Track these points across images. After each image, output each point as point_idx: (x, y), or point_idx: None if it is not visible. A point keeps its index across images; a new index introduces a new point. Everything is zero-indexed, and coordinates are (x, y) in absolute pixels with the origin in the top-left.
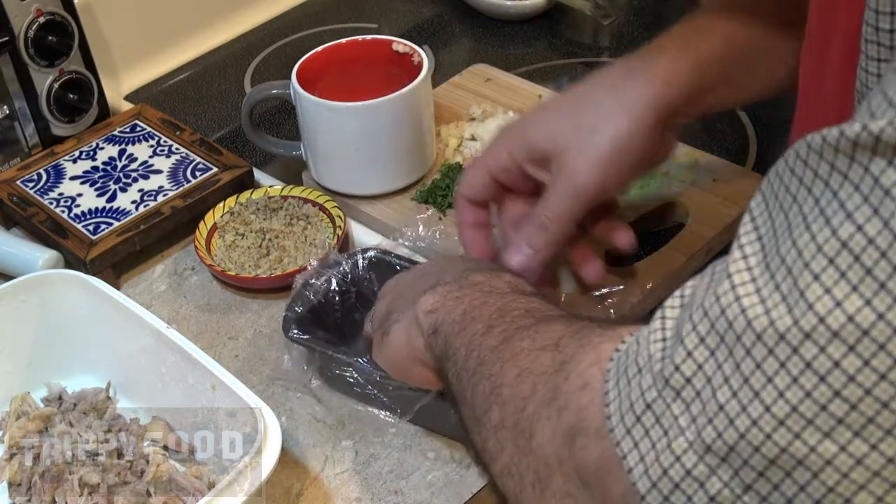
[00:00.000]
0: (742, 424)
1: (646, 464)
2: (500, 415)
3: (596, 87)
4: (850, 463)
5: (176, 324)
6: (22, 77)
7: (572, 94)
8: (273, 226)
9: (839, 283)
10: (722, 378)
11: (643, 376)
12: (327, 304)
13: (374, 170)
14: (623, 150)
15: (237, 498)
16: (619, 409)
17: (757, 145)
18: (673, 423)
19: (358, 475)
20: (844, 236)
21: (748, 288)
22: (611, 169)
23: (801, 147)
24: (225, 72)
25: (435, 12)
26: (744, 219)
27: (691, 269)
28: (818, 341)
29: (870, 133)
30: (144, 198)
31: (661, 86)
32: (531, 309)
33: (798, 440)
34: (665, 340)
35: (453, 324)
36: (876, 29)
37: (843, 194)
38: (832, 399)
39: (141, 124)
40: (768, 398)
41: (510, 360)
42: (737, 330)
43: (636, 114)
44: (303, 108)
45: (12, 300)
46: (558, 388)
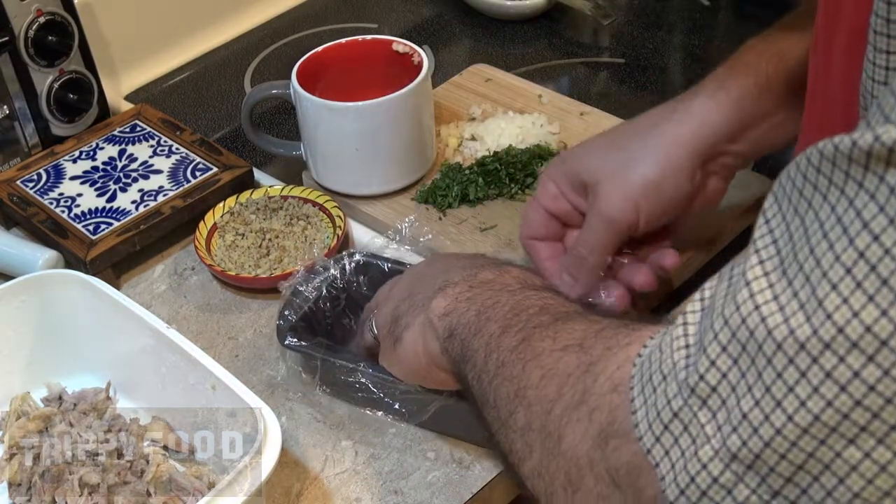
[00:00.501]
0: (766, 433)
1: (675, 471)
2: (526, 417)
3: (638, 125)
4: (874, 469)
5: (176, 324)
6: (22, 77)
7: (617, 129)
8: (273, 226)
9: (856, 292)
10: (745, 387)
11: (668, 384)
12: (318, 310)
13: (374, 170)
14: (655, 187)
15: (237, 498)
16: (646, 417)
17: None
18: (700, 432)
19: (358, 475)
20: (861, 246)
21: (766, 295)
22: (642, 203)
23: (812, 154)
24: (225, 72)
25: (435, 12)
26: (758, 221)
27: (691, 269)
28: (838, 351)
29: (883, 144)
30: (144, 198)
31: (696, 125)
32: (545, 306)
33: (824, 446)
34: (688, 347)
35: (468, 325)
36: (886, 20)
37: (858, 203)
38: (854, 408)
39: (141, 124)
40: (790, 407)
41: (532, 360)
42: (758, 339)
43: (670, 152)
44: (303, 108)
45: (12, 300)
46: (587, 390)
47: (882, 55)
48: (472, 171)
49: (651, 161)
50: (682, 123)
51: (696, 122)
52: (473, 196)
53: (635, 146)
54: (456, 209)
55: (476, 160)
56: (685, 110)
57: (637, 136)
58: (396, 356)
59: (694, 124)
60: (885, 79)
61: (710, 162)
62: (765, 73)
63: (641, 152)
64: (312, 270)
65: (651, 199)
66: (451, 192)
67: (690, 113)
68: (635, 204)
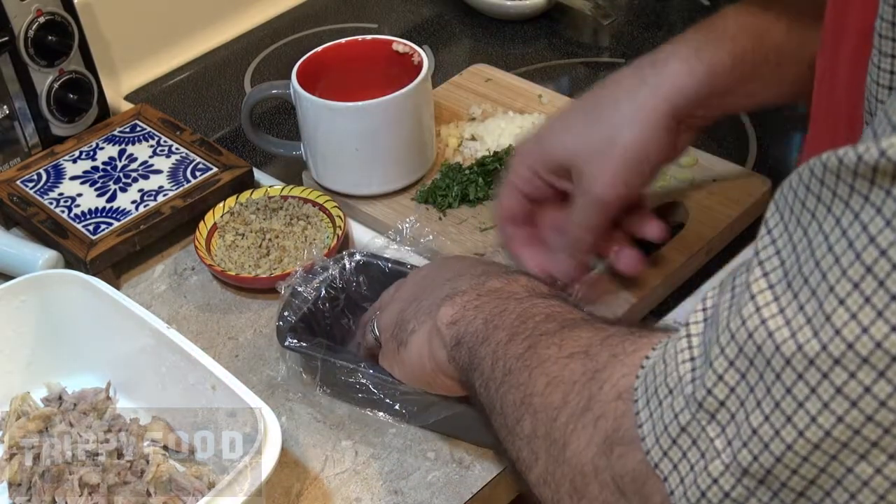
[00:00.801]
0: (777, 448)
1: (685, 486)
2: (532, 425)
3: (609, 95)
4: (886, 485)
5: (176, 324)
6: (22, 77)
7: (586, 102)
8: (273, 226)
9: (864, 308)
10: (754, 402)
11: (675, 398)
12: (317, 310)
13: (374, 170)
14: (639, 157)
15: (237, 498)
16: (653, 431)
17: (757, 145)
18: (709, 446)
19: (358, 475)
20: (869, 261)
21: (772, 309)
22: (628, 175)
23: (816, 166)
24: (225, 72)
25: (435, 12)
26: (760, 232)
27: (691, 269)
28: (848, 367)
29: (889, 160)
30: (144, 198)
31: (669, 90)
32: (551, 313)
33: (835, 461)
34: (693, 360)
35: (476, 334)
36: (892, 24)
37: (864, 216)
38: (865, 424)
39: (141, 124)
40: (801, 423)
41: (537, 367)
42: (766, 354)
43: (650, 121)
44: (303, 108)
45: (12, 300)
46: (593, 397)
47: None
48: (472, 171)
49: (631, 132)
50: (657, 88)
51: (669, 87)
52: (473, 196)
53: (612, 118)
54: (456, 209)
55: (476, 160)
56: (658, 75)
57: (612, 106)
58: (400, 360)
59: (668, 89)
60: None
61: (682, 123)
62: (741, 47)
63: (619, 123)
64: (311, 271)
65: (636, 170)
66: (451, 192)
67: (663, 77)
68: (622, 177)
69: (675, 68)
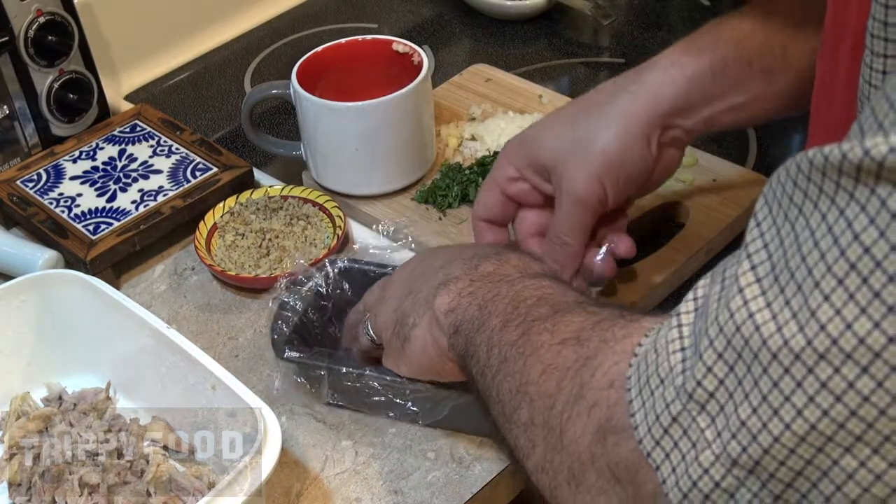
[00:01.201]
0: (765, 440)
1: (676, 475)
2: (528, 412)
3: (592, 101)
4: (870, 478)
5: (176, 324)
6: (22, 77)
7: (575, 105)
8: (273, 226)
9: (848, 304)
10: (743, 394)
11: (666, 388)
12: (307, 320)
13: (374, 170)
14: (616, 162)
15: (237, 498)
16: (645, 420)
17: (757, 145)
18: (699, 436)
19: (358, 475)
20: (853, 258)
21: (759, 303)
22: (606, 179)
23: (802, 161)
24: (225, 72)
25: (435, 12)
26: (749, 225)
27: (691, 269)
28: (832, 362)
29: (872, 159)
30: (144, 198)
31: (649, 97)
32: (543, 295)
33: (821, 454)
34: (684, 350)
35: (472, 321)
36: (884, 24)
37: (849, 213)
38: (849, 418)
39: (141, 124)
40: (787, 416)
41: (532, 355)
42: (753, 347)
43: (628, 126)
44: (303, 108)
45: (12, 300)
46: (585, 384)
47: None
48: (472, 171)
49: (609, 135)
50: (636, 95)
51: (649, 94)
52: (473, 196)
53: (593, 122)
54: (456, 209)
55: (476, 160)
56: (640, 82)
57: (594, 112)
58: (405, 355)
59: (647, 96)
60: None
61: (663, 134)
62: (721, 56)
63: (599, 127)
64: (296, 281)
65: (613, 173)
66: (451, 192)
67: (644, 85)
68: (599, 179)
69: (655, 77)
